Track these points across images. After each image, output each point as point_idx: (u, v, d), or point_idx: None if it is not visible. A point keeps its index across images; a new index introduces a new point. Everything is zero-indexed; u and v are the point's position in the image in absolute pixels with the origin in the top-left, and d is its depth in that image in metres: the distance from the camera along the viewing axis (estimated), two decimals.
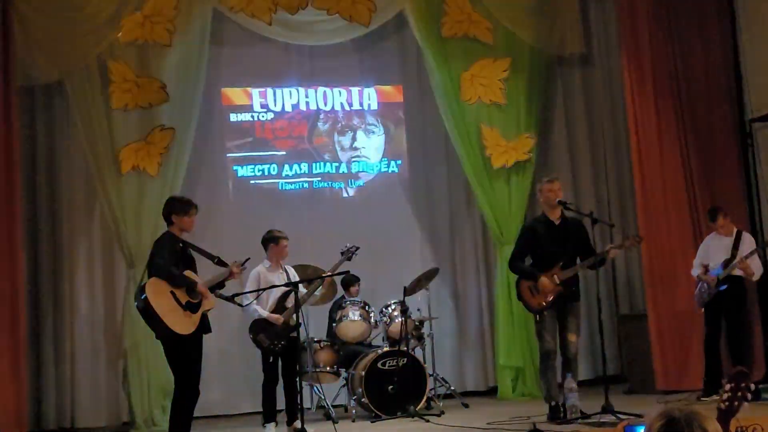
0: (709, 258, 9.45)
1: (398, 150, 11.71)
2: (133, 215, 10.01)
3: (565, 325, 8.07)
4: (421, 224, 11.59)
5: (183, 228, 7.37)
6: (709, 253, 9.49)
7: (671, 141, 10.52)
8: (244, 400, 10.34)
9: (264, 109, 11.32)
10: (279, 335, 8.32)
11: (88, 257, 10.49)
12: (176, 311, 7.04)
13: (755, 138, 10.87)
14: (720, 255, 9.34)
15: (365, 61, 11.62)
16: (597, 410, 7.73)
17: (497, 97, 11.04)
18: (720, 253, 9.35)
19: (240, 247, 9.22)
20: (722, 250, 9.35)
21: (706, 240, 9.69)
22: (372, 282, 10.80)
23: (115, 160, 10.04)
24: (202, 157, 10.85)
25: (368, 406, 8.98)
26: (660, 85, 10.59)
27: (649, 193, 10.42)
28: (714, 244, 9.50)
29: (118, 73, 10.11)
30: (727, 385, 3.53)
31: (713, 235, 9.58)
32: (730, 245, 9.33)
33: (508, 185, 11.00)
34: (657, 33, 10.66)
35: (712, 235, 9.59)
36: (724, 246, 9.37)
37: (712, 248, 9.49)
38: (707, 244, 9.60)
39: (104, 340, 10.39)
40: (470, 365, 11.43)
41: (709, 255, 9.48)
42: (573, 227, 8.19)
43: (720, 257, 9.32)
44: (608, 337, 8.74)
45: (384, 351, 9.23)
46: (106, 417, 10.30)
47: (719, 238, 9.47)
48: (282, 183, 11.29)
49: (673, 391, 9.77)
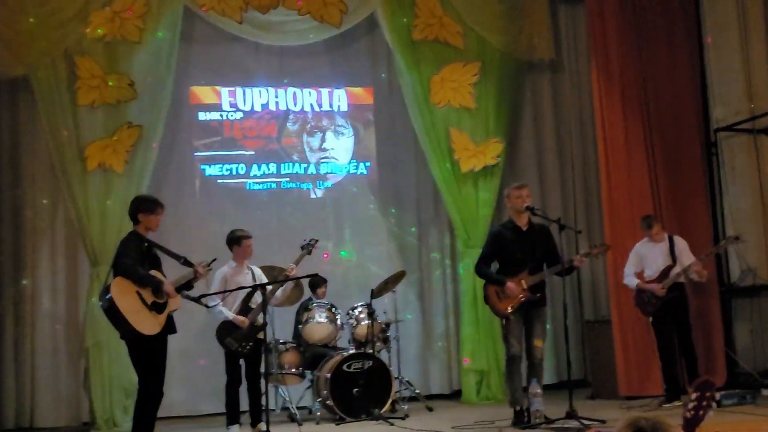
0: (645, 265, 9.48)
1: (367, 152, 11.71)
2: (98, 213, 9.92)
3: (531, 330, 8.09)
4: (388, 227, 11.59)
5: (149, 227, 7.30)
6: (645, 261, 9.51)
7: (638, 148, 10.60)
8: (208, 402, 10.29)
9: (233, 108, 11.27)
10: (246, 337, 8.26)
11: (51, 255, 10.40)
12: (142, 311, 6.97)
13: (719, 147, 10.97)
14: (658, 262, 9.38)
15: (336, 63, 11.61)
16: (561, 415, 7.74)
17: (467, 101, 11.07)
18: (659, 260, 9.39)
19: (206, 247, 9.17)
20: (661, 257, 9.38)
21: (637, 247, 9.68)
22: (339, 284, 10.80)
23: (81, 157, 9.94)
24: (169, 155, 10.79)
25: (333, 408, 8.95)
26: (628, 93, 10.66)
27: (616, 199, 10.49)
28: (648, 251, 9.51)
29: (85, 69, 10.02)
30: (693, 393, 3.55)
31: (645, 242, 9.60)
32: (666, 251, 9.37)
33: (475, 189, 11.02)
34: (625, 41, 10.74)
35: (644, 242, 9.61)
36: (662, 253, 9.39)
37: (648, 256, 9.50)
38: (641, 252, 9.60)
39: (66, 338, 10.30)
40: (435, 368, 11.44)
41: (645, 262, 9.50)
42: (540, 233, 8.22)
43: (659, 264, 9.35)
44: (573, 342, 8.77)
45: (350, 353, 9.20)
46: (66, 417, 10.23)
47: (653, 245, 9.50)
48: (250, 183, 11.25)
49: (635, 396, 9.83)
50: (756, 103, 10.46)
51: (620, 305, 10.26)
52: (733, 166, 10.85)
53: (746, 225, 10.46)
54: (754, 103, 10.47)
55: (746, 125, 10.61)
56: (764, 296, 10.34)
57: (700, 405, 3.55)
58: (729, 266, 10.68)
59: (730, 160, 10.90)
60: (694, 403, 3.56)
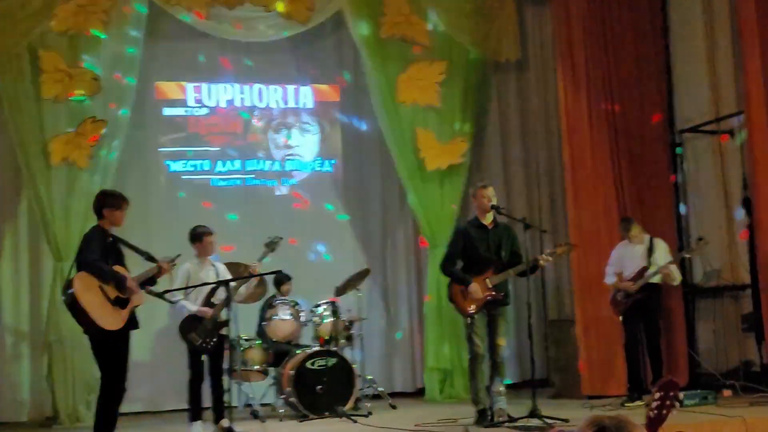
0: (623, 266, 9.56)
1: (333, 149, 11.69)
2: (62, 208, 9.84)
3: (495, 329, 8.11)
4: (353, 224, 11.59)
5: (113, 223, 7.26)
6: (623, 261, 9.59)
7: (603, 148, 10.66)
8: (170, 398, 10.21)
9: (198, 104, 11.22)
10: (210, 333, 8.22)
11: (14, 249, 10.30)
12: (105, 306, 6.93)
13: (684, 147, 11.05)
14: (636, 263, 9.45)
15: (302, 60, 11.58)
16: (524, 414, 7.77)
17: (433, 100, 11.08)
18: (636, 261, 9.46)
19: (170, 243, 9.11)
20: (637, 258, 9.46)
21: (617, 248, 9.77)
22: (303, 281, 10.76)
23: (45, 151, 9.85)
24: (134, 150, 10.70)
25: (296, 405, 8.94)
26: (593, 94, 10.72)
27: (580, 199, 10.53)
28: (627, 252, 9.59)
29: (49, 63, 9.92)
30: (656, 393, 3.57)
31: (625, 243, 9.67)
32: (644, 253, 9.45)
33: (441, 188, 11.04)
34: (592, 41, 10.79)
35: (624, 243, 9.69)
36: (639, 254, 9.47)
37: (626, 257, 9.58)
38: (620, 253, 9.68)
39: (28, 333, 10.21)
40: (399, 366, 11.45)
41: (623, 263, 9.58)
42: (505, 232, 8.25)
43: (636, 265, 9.43)
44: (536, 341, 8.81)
45: (313, 351, 9.19)
46: (29, 411, 10.14)
47: (632, 246, 9.57)
48: (214, 179, 11.20)
49: (597, 396, 9.88)
50: (721, 104, 10.54)
51: (584, 305, 10.32)
52: (697, 167, 10.94)
53: (710, 226, 10.55)
54: (718, 104, 10.56)
55: (711, 127, 10.70)
56: (727, 297, 10.42)
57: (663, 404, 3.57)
58: (692, 267, 10.76)
59: (694, 161, 10.99)
60: (658, 402, 3.58)
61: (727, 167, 10.53)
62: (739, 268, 10.26)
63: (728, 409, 8.22)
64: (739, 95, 10.11)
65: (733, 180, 10.38)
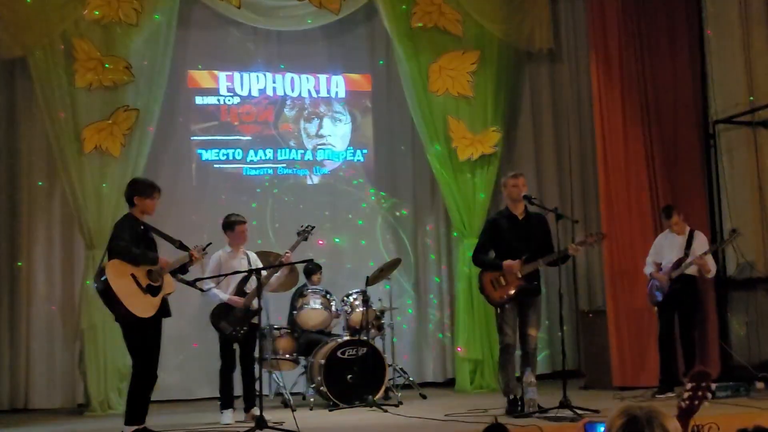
0: (662, 256, 9.51)
1: (364, 139, 11.68)
2: (94, 196, 9.89)
3: (526, 320, 8.08)
4: (384, 214, 11.57)
5: (145, 211, 7.30)
6: (662, 252, 9.54)
7: (636, 139, 10.58)
8: (202, 386, 10.30)
9: (230, 93, 11.24)
10: (240, 321, 8.25)
11: (47, 237, 10.38)
12: (136, 294, 6.98)
13: (718, 139, 10.95)
14: (673, 253, 9.39)
15: (334, 49, 11.58)
16: (555, 405, 7.74)
17: (465, 90, 11.04)
18: (673, 252, 9.41)
19: (202, 232, 9.16)
20: (675, 249, 9.41)
21: (658, 238, 9.74)
22: (334, 271, 10.79)
23: (78, 139, 9.91)
24: (166, 139, 10.75)
25: (326, 394, 8.95)
26: (627, 84, 10.64)
27: (613, 190, 10.47)
28: (667, 242, 9.55)
29: (82, 51, 9.98)
30: (689, 384, 3.54)
31: (666, 233, 9.63)
32: (683, 244, 9.38)
33: (472, 178, 11.01)
34: (626, 32, 10.71)
35: (665, 233, 9.64)
36: (678, 244, 9.42)
37: (665, 246, 9.54)
38: (660, 243, 9.65)
39: (61, 321, 10.30)
40: (429, 356, 11.44)
41: (662, 253, 9.53)
42: (536, 222, 8.20)
43: (673, 255, 9.37)
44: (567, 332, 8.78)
45: (344, 340, 9.20)
46: (60, 399, 10.22)
47: (672, 237, 9.52)
48: (246, 168, 11.22)
49: (629, 387, 9.83)
50: (756, 95, 10.44)
51: (615, 295, 10.26)
52: (731, 159, 10.84)
53: (743, 218, 10.46)
54: (753, 95, 10.45)
55: (745, 118, 10.59)
56: (760, 289, 10.33)
57: (695, 395, 3.54)
58: (726, 259, 10.67)
59: (728, 152, 10.88)
60: (690, 393, 3.55)
61: (762, 158, 10.42)
62: None
63: (761, 401, 8.16)
64: None
65: None
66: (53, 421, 9.24)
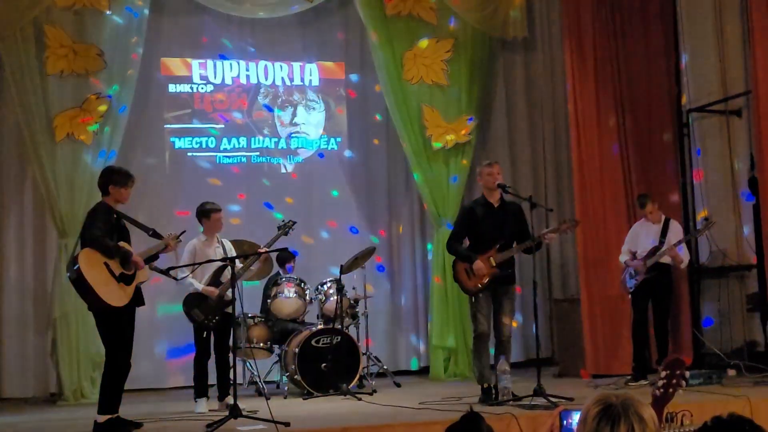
0: (637, 245, 9.55)
1: (338, 127, 11.65)
2: (67, 184, 9.82)
3: (500, 308, 8.10)
4: (358, 203, 11.56)
5: (118, 200, 7.25)
6: (637, 240, 9.58)
7: (610, 127, 10.61)
8: (176, 375, 10.27)
9: (203, 80, 11.17)
10: (213, 310, 8.22)
11: (19, 225, 10.30)
12: (110, 283, 6.94)
13: (691, 127, 11.00)
14: (648, 242, 9.44)
15: (308, 37, 11.54)
16: (529, 393, 7.76)
17: (439, 78, 11.05)
18: (648, 240, 9.45)
19: (176, 220, 9.11)
20: (650, 237, 9.45)
21: (634, 226, 9.78)
22: (308, 259, 10.77)
23: (49, 127, 9.82)
24: (138, 127, 10.68)
25: (301, 383, 8.95)
26: (600, 72, 10.66)
27: (587, 177, 10.49)
28: (642, 230, 9.59)
29: (54, 38, 9.90)
30: (663, 372, 3.56)
31: (642, 222, 9.67)
32: (658, 232, 9.43)
33: (447, 166, 11.02)
34: (600, 21, 10.72)
35: (641, 222, 9.69)
36: (653, 233, 9.46)
37: (641, 235, 9.58)
38: (635, 231, 9.69)
39: (33, 309, 10.21)
40: (403, 345, 11.45)
41: (637, 242, 9.57)
42: (511, 211, 8.22)
43: (648, 244, 9.41)
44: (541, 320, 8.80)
45: (318, 329, 9.20)
46: (33, 388, 10.15)
47: (647, 225, 9.56)
48: (220, 156, 11.17)
49: (602, 375, 9.88)
50: (729, 84, 10.49)
51: (589, 284, 10.29)
52: (704, 147, 10.89)
53: (716, 206, 10.52)
54: (726, 84, 10.50)
55: (718, 106, 10.65)
56: (732, 277, 10.40)
57: (669, 383, 3.56)
58: (698, 247, 10.73)
59: (701, 141, 10.94)
60: (664, 381, 3.57)
61: (734, 147, 10.48)
62: (745, 248, 10.23)
63: (733, 388, 8.21)
64: (747, 74, 10.05)
65: (741, 160, 10.33)
66: (26, 410, 9.21)
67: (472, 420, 3.98)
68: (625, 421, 2.77)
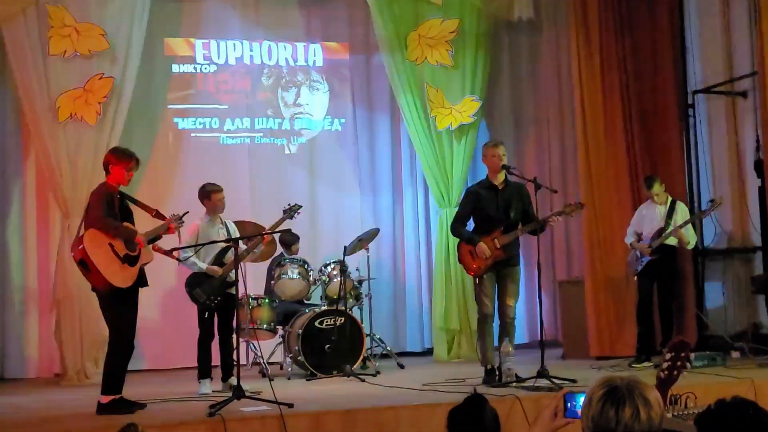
0: (642, 226, 9.53)
1: (342, 108, 11.61)
2: (70, 164, 9.78)
3: (504, 290, 8.10)
4: (362, 184, 11.53)
5: (120, 181, 7.23)
6: (643, 221, 9.56)
7: (615, 109, 10.57)
8: (179, 356, 10.25)
9: (207, 61, 11.13)
10: (216, 291, 8.21)
11: (22, 206, 10.31)
12: (114, 263, 6.93)
13: (697, 109, 10.96)
14: (654, 223, 9.42)
15: (312, 17, 11.49)
16: (532, 375, 7.76)
17: (444, 59, 10.99)
18: (654, 222, 9.43)
19: (179, 201, 9.09)
20: (656, 219, 9.43)
21: (640, 208, 9.76)
22: (312, 241, 10.76)
23: (53, 107, 9.78)
24: (142, 107, 10.63)
25: (304, 364, 8.96)
26: (606, 53, 10.61)
27: (592, 159, 10.46)
28: (648, 212, 9.57)
29: (57, 18, 9.83)
30: (668, 354, 3.55)
31: (648, 203, 9.65)
32: (664, 214, 9.41)
33: (451, 148, 10.97)
34: (605, 2, 10.66)
35: (647, 203, 9.66)
36: (659, 214, 9.44)
37: (646, 216, 9.56)
38: (641, 212, 9.67)
39: (36, 290, 10.22)
40: (407, 326, 11.45)
41: (643, 223, 9.55)
42: (516, 192, 8.19)
43: (654, 225, 9.39)
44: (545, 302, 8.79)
45: (322, 310, 9.20)
46: (36, 368, 10.18)
47: (653, 207, 9.53)
48: (223, 137, 11.14)
49: (606, 357, 9.87)
50: (735, 65, 10.44)
51: (593, 266, 10.28)
52: (710, 129, 10.85)
53: (721, 188, 10.50)
54: (733, 65, 10.45)
55: (724, 87, 10.60)
56: (737, 259, 10.39)
57: (674, 365, 3.55)
58: (703, 229, 10.70)
59: (707, 122, 10.89)
60: (669, 363, 3.56)
61: (740, 128, 10.44)
62: (750, 230, 10.21)
63: (737, 370, 8.24)
64: (753, 56, 10.00)
65: (746, 141, 10.29)
66: (30, 391, 9.20)
67: (476, 402, 3.97)
68: (630, 403, 2.76)
